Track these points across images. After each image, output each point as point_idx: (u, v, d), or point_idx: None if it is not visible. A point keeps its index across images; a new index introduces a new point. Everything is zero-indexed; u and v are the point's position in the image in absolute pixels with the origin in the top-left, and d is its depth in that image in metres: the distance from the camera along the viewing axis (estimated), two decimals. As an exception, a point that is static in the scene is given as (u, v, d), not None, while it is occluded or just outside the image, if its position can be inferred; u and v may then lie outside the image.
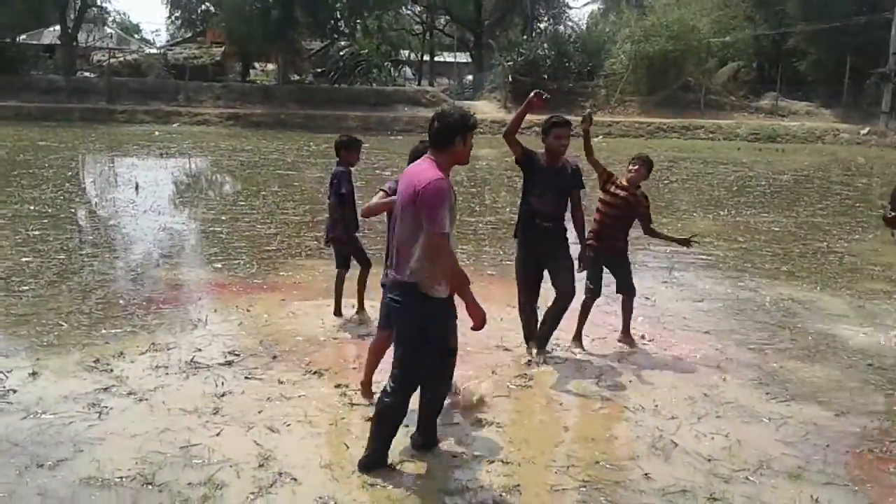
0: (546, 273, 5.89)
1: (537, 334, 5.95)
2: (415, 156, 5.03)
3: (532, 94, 5.36)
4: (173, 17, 42.46)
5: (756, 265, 9.56)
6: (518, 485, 4.03)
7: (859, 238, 11.60)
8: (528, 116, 5.67)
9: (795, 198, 16.13)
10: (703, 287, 8.42)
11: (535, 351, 5.92)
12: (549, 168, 5.72)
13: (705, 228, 12.07)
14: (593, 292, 6.22)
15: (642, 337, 6.54)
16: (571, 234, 5.88)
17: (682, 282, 8.61)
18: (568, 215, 5.85)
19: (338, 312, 6.82)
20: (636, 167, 6.12)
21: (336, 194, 6.57)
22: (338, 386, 5.24)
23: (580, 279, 6.00)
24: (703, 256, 9.99)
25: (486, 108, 35.00)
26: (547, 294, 6.00)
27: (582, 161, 6.13)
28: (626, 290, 6.31)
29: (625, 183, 6.13)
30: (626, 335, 6.38)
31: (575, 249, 5.92)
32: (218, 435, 4.46)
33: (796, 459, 4.44)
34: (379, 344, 4.92)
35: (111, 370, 5.40)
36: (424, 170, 3.84)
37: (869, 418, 5.10)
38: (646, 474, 4.20)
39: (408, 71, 52.91)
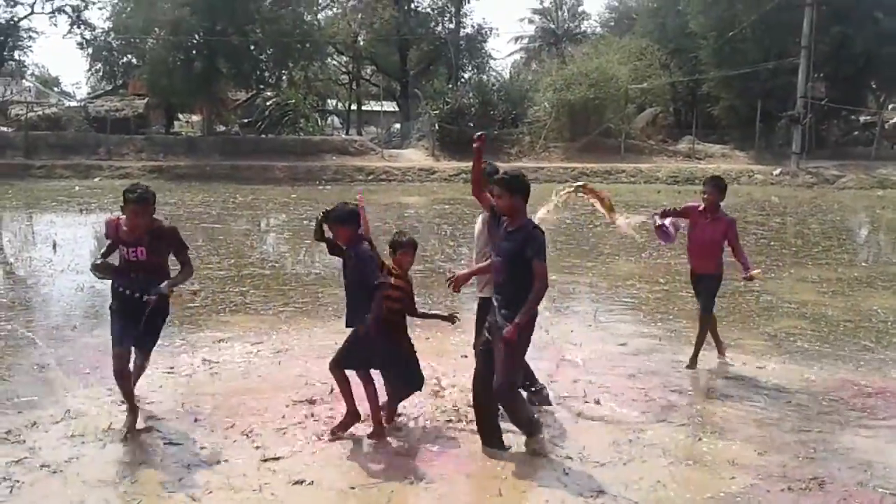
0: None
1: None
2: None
3: (475, 142, 5.31)
4: (94, 70, 41.64)
5: (678, 306, 9.78)
6: (446, 542, 4.00)
7: (774, 276, 12.01)
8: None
9: (714, 238, 16.54)
10: (627, 329, 8.59)
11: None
12: (504, 229, 4.98)
13: (628, 271, 12.35)
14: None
15: (574, 381, 6.60)
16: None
17: (606, 325, 8.76)
18: None
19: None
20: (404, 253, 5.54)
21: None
22: (258, 448, 5.11)
23: None
24: (627, 299, 10.21)
25: (414, 157, 35.32)
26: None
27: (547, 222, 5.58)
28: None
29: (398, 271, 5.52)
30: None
31: None
32: (136, 506, 4.31)
33: (721, 499, 4.53)
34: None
35: (23, 441, 5.17)
36: None
37: (788, 455, 5.24)
38: (573, 523, 4.22)
39: (335, 120, 53.07)
